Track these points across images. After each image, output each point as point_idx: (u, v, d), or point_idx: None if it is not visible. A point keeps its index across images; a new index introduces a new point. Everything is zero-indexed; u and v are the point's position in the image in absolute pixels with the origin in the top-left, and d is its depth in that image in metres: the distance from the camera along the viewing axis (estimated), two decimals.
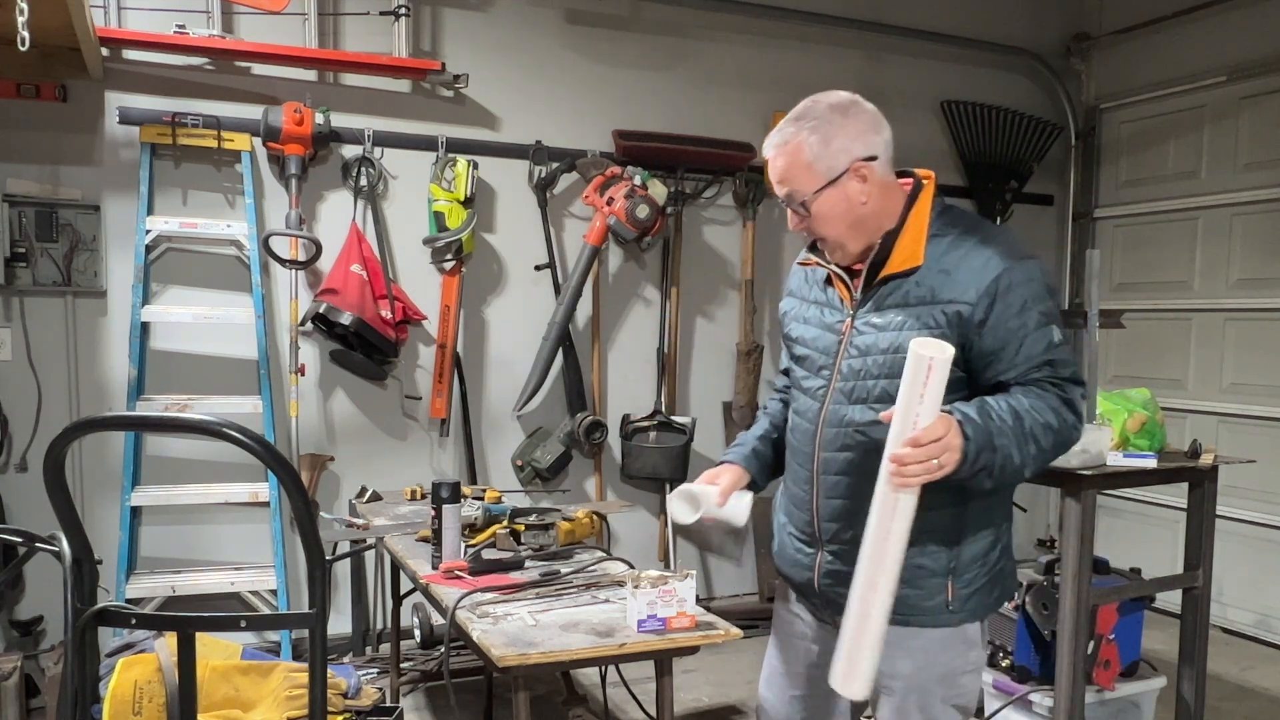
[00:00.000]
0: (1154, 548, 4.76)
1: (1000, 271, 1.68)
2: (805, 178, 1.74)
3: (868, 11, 4.85)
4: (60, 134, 3.61)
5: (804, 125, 1.74)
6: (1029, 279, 1.70)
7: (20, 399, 3.59)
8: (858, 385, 1.78)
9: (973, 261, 1.71)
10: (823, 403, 1.83)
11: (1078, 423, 1.74)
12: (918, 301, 1.73)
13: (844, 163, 1.73)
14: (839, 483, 1.82)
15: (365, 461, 4.06)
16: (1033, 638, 3.03)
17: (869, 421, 1.76)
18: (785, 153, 1.75)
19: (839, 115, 1.75)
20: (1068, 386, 1.72)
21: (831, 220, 1.76)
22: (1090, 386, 2.95)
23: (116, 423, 3.60)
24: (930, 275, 1.73)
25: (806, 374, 1.89)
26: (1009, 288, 1.68)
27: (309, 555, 1.57)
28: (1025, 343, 1.69)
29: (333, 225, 3.92)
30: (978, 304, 1.68)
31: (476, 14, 4.18)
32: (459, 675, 3.63)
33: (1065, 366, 1.72)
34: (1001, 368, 1.70)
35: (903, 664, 1.82)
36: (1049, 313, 1.71)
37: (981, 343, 1.69)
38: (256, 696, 2.07)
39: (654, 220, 4.12)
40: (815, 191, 1.74)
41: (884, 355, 1.75)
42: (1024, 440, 1.65)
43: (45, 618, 3.60)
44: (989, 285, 1.68)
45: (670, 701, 2.08)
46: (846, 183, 1.73)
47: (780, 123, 1.79)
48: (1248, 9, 4.56)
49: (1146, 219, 5.10)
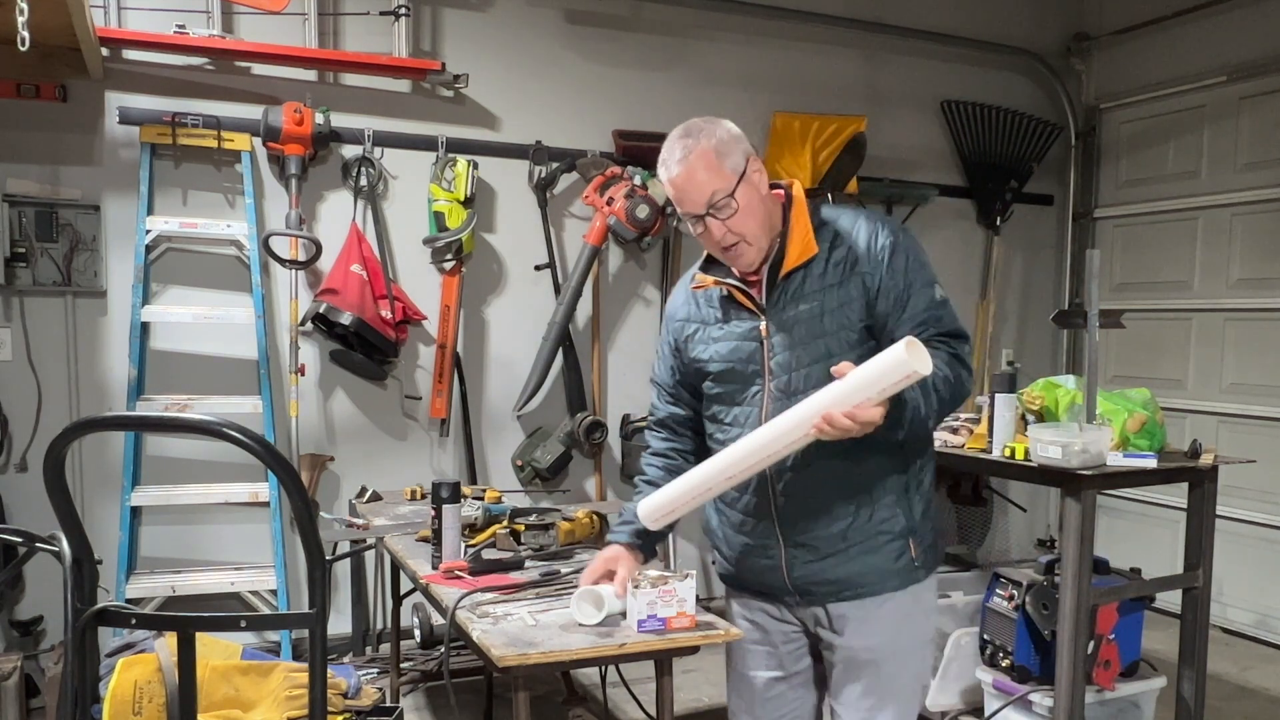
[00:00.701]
0: (1154, 548, 4.76)
1: (888, 239, 1.86)
2: (721, 178, 1.82)
3: (868, 11, 4.85)
4: (60, 134, 3.61)
5: (696, 138, 1.83)
6: (910, 245, 1.87)
7: (20, 399, 3.59)
8: (792, 377, 1.87)
9: (862, 236, 1.87)
10: (760, 407, 1.90)
11: (968, 376, 1.86)
12: (826, 284, 1.86)
13: (742, 159, 1.84)
14: (795, 479, 1.90)
15: (365, 461, 4.06)
16: (1033, 638, 3.03)
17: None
18: (697, 161, 1.81)
19: (716, 125, 1.86)
20: (954, 342, 1.86)
21: (752, 211, 1.84)
22: (1090, 386, 2.95)
23: (116, 423, 3.60)
24: (827, 259, 1.87)
25: (734, 386, 1.95)
26: (895, 252, 1.85)
27: (309, 555, 1.57)
28: (912, 299, 1.84)
29: (333, 225, 3.92)
30: (874, 271, 1.84)
31: (476, 14, 4.18)
32: (459, 675, 3.63)
33: (950, 321, 1.87)
34: (892, 324, 1.83)
35: (875, 635, 1.93)
36: (929, 274, 1.88)
37: (878, 305, 1.84)
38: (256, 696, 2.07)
39: (654, 220, 4.12)
40: (734, 187, 1.82)
41: (814, 341, 1.85)
42: (928, 393, 1.77)
43: (45, 618, 3.60)
44: (879, 251, 1.85)
45: (670, 701, 2.08)
46: (751, 176, 1.85)
47: (668, 147, 1.86)
48: (1248, 9, 4.56)
49: (1146, 219, 5.10)
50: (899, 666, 1.95)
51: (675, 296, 2.12)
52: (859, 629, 1.94)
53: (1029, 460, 2.79)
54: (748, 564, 2.02)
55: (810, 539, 1.91)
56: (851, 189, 4.62)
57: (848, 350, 1.83)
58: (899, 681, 1.96)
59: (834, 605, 1.95)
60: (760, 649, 2.08)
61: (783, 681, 2.08)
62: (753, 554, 1.99)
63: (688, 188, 1.84)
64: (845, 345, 1.84)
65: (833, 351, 1.83)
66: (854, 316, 1.84)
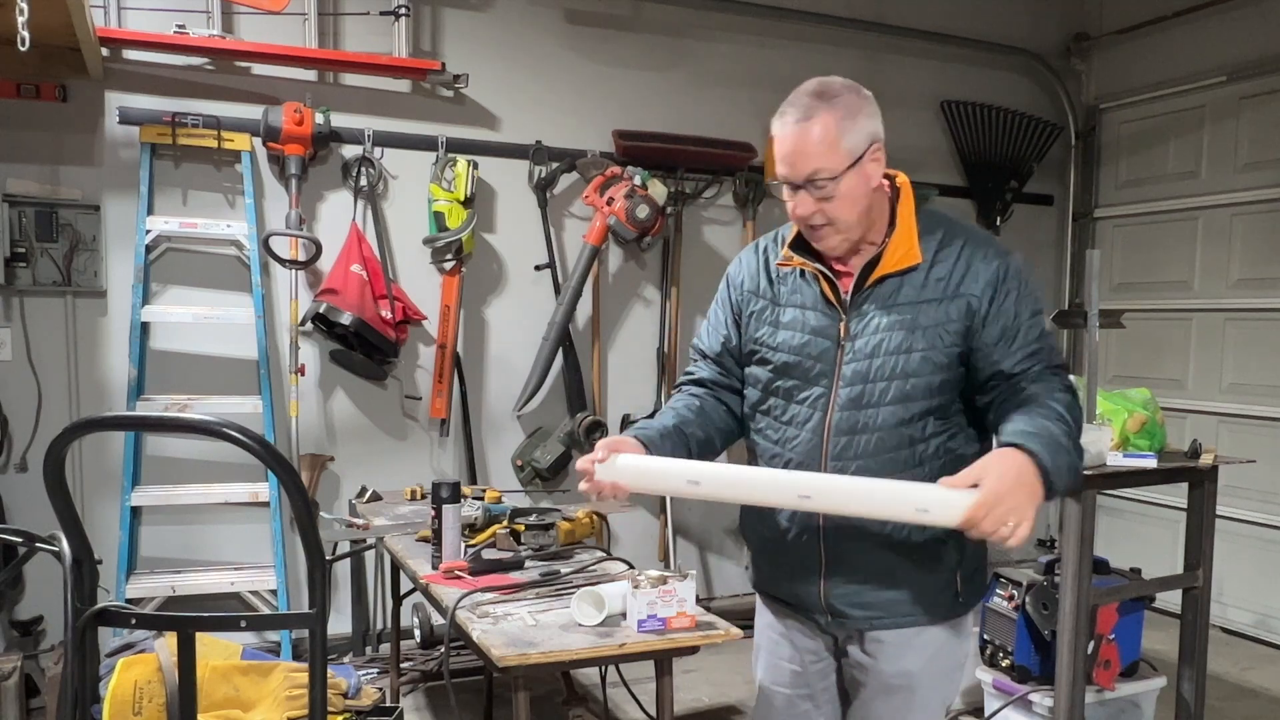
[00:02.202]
0: (1154, 548, 4.76)
1: (998, 265, 1.72)
2: (832, 156, 1.66)
3: (868, 11, 4.85)
4: (60, 134, 3.60)
5: (827, 102, 1.67)
6: (1020, 273, 1.74)
7: (20, 399, 3.59)
8: (866, 389, 1.73)
9: (971, 259, 1.73)
10: (825, 412, 1.76)
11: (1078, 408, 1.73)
12: (924, 298, 1.72)
13: (865, 143, 1.68)
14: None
15: (365, 461, 4.06)
16: (1033, 638, 3.03)
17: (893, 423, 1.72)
18: (812, 129, 1.65)
19: (855, 95, 1.70)
20: (1062, 374, 1.74)
21: (852, 202, 1.69)
22: (1090, 386, 2.96)
23: (116, 423, 3.60)
24: (930, 272, 1.73)
25: (797, 383, 1.80)
26: (1006, 279, 1.71)
27: (309, 555, 1.57)
28: (1021, 331, 1.70)
29: (333, 225, 3.92)
30: (983, 295, 1.70)
31: (476, 14, 4.18)
32: (459, 675, 3.63)
33: (1056, 354, 1.75)
34: (999, 355, 1.70)
35: (912, 662, 1.83)
36: (1038, 305, 1.75)
37: (984, 333, 1.70)
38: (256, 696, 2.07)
39: (654, 220, 4.12)
40: (843, 170, 1.67)
41: (896, 355, 1.72)
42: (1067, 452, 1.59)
43: (45, 618, 3.60)
44: (992, 278, 1.71)
45: (670, 701, 2.08)
46: (866, 163, 1.69)
47: (794, 100, 1.70)
48: (1248, 9, 4.56)
49: (1146, 219, 5.10)
50: (930, 692, 1.85)
51: (743, 263, 1.95)
52: (894, 655, 1.82)
53: None
54: (783, 576, 1.89)
55: (856, 561, 1.77)
56: None
57: (931, 373, 1.71)
58: (928, 707, 1.86)
59: (871, 631, 1.83)
60: (786, 666, 1.97)
61: (807, 700, 1.97)
62: (790, 566, 1.85)
63: (794, 154, 1.68)
64: (931, 367, 1.71)
65: (915, 372, 1.71)
66: (948, 339, 1.70)
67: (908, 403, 1.72)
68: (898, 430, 1.73)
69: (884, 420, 1.73)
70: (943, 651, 1.84)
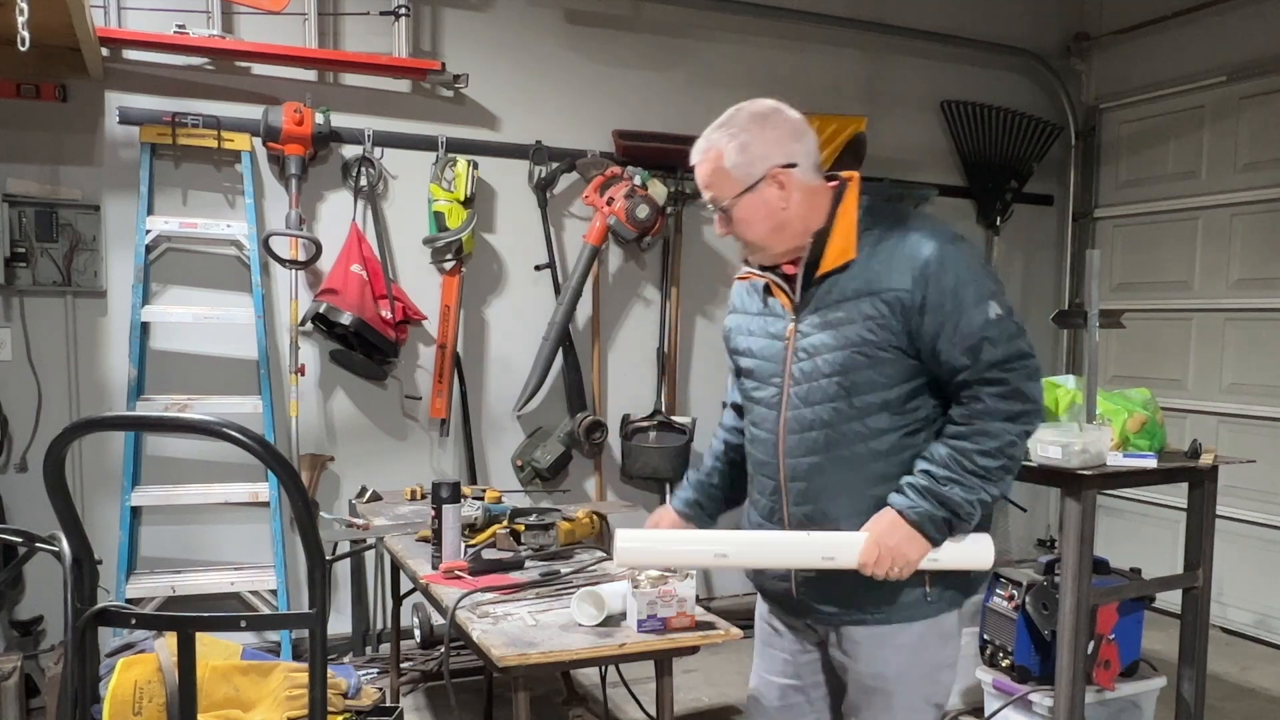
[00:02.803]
0: (1154, 548, 4.76)
1: (930, 254, 1.72)
2: (725, 183, 1.80)
3: (868, 11, 4.85)
4: (60, 134, 3.60)
5: (725, 133, 1.81)
6: (959, 258, 1.73)
7: (20, 399, 3.59)
8: (811, 387, 1.80)
9: (903, 249, 1.74)
10: (779, 410, 1.85)
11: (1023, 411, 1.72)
12: (856, 294, 1.76)
13: (761, 170, 1.78)
14: (806, 488, 1.84)
15: (365, 461, 4.06)
16: (1033, 638, 3.03)
17: (832, 419, 1.78)
18: (707, 159, 1.82)
19: (758, 124, 1.81)
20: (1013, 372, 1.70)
21: (752, 224, 1.81)
22: (1090, 386, 2.95)
23: (116, 423, 3.60)
24: (865, 266, 1.76)
25: (757, 385, 1.91)
26: (940, 268, 1.71)
27: (309, 555, 1.57)
28: (962, 320, 1.69)
29: (333, 225, 3.92)
30: (914, 288, 1.71)
31: (476, 14, 4.18)
32: (459, 675, 3.63)
33: (1003, 344, 1.70)
34: (941, 349, 1.71)
35: (887, 664, 1.86)
36: (983, 289, 1.72)
37: (923, 326, 1.72)
38: (256, 696, 2.07)
39: (654, 220, 4.12)
40: (734, 197, 1.79)
41: (833, 353, 1.77)
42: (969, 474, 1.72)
43: (45, 618, 3.60)
44: (921, 268, 1.71)
45: (670, 701, 2.08)
46: (764, 189, 1.78)
47: (706, 130, 1.85)
48: (1247, 9, 4.56)
49: (1146, 219, 5.10)
50: (910, 695, 1.87)
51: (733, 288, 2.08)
52: (869, 656, 1.86)
53: (1029, 460, 2.79)
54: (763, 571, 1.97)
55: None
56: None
57: (871, 368, 1.74)
58: (911, 707, 1.88)
59: (844, 628, 1.88)
60: (778, 655, 2.03)
61: (799, 692, 2.02)
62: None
63: (699, 180, 1.86)
64: (868, 362, 1.74)
65: (852, 367, 1.75)
66: (880, 334, 1.73)
67: (852, 398, 1.76)
68: (846, 426, 1.78)
69: (830, 417, 1.79)
70: (920, 654, 1.86)
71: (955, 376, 1.73)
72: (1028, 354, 1.73)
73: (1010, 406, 1.71)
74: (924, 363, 1.75)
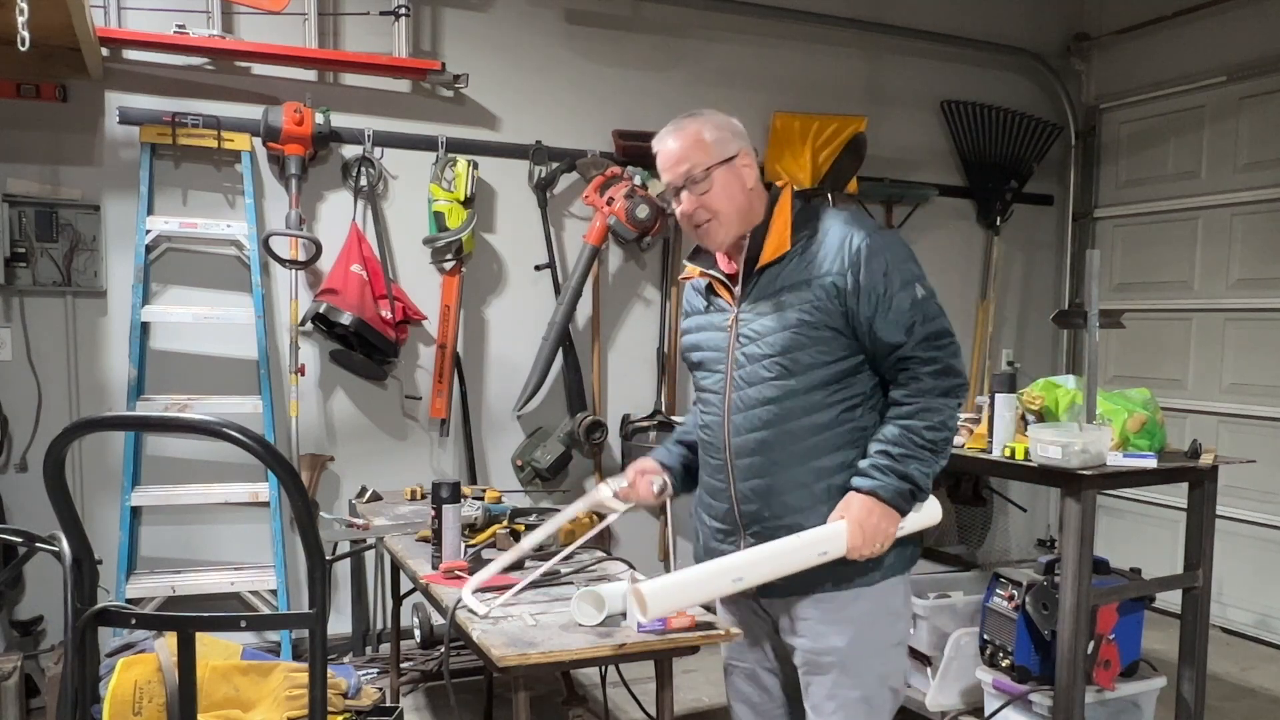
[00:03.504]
0: (1154, 548, 4.76)
1: (860, 243, 1.87)
2: (704, 154, 1.91)
3: (868, 11, 4.85)
4: (60, 134, 3.61)
5: (697, 118, 1.95)
6: (888, 245, 1.90)
7: (20, 399, 3.59)
8: (751, 369, 1.93)
9: (835, 239, 1.90)
10: (724, 393, 1.97)
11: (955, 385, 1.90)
12: (792, 283, 1.90)
13: (734, 147, 1.94)
14: (752, 463, 1.94)
15: (365, 461, 4.06)
16: (1033, 638, 3.03)
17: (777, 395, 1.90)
18: (685, 134, 1.93)
19: (721, 116, 1.98)
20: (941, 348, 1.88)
21: (726, 196, 1.92)
22: (1090, 386, 2.95)
23: (116, 423, 3.60)
24: (801, 257, 1.92)
25: (706, 374, 2.04)
26: (871, 255, 1.86)
27: (309, 555, 1.57)
28: (894, 301, 1.86)
29: (333, 225, 3.92)
30: (846, 274, 1.86)
31: (476, 14, 4.18)
32: (459, 675, 3.63)
33: (932, 320, 1.88)
34: (878, 329, 1.87)
35: (835, 638, 1.94)
36: (909, 273, 1.89)
37: (858, 309, 1.87)
38: (256, 696, 2.07)
39: (654, 220, 4.12)
40: (713, 164, 1.91)
41: (774, 335, 1.90)
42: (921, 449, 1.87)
43: (45, 618, 3.60)
44: (853, 256, 1.87)
45: (670, 701, 2.08)
46: (738, 165, 1.94)
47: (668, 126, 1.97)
48: (1248, 9, 4.56)
49: (1146, 219, 5.10)
50: (862, 670, 1.95)
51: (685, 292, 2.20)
52: (818, 631, 1.95)
53: (1029, 460, 2.79)
54: (714, 548, 2.05)
55: (764, 527, 1.94)
56: (851, 189, 4.62)
57: (808, 348, 1.88)
58: (863, 684, 1.95)
59: (794, 605, 1.97)
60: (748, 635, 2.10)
61: (771, 674, 2.12)
62: (718, 538, 2.05)
63: (670, 159, 1.94)
64: (806, 342, 1.88)
65: (789, 348, 1.89)
66: (816, 316, 1.88)
67: (791, 376, 1.89)
68: (789, 402, 1.89)
69: (773, 394, 1.91)
70: (869, 628, 1.95)
71: (892, 353, 1.88)
72: (950, 331, 1.92)
73: (945, 382, 1.88)
74: (860, 342, 1.90)
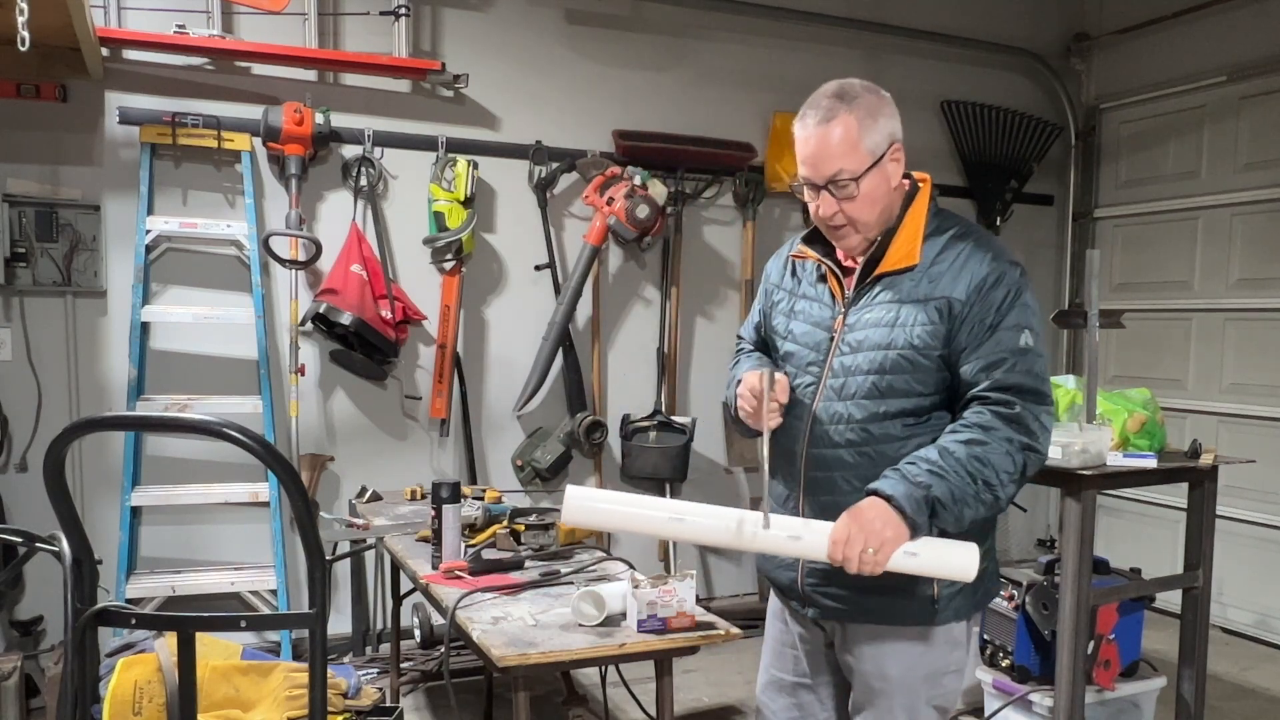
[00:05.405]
0: (1154, 548, 4.76)
1: (990, 270, 1.71)
2: (853, 156, 1.71)
3: (868, 11, 4.85)
4: (60, 134, 3.60)
5: (847, 104, 1.72)
6: (1015, 283, 1.72)
7: (20, 399, 3.59)
8: (848, 381, 1.78)
9: (967, 262, 1.73)
10: (812, 400, 1.82)
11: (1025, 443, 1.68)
12: (911, 299, 1.74)
13: (885, 143, 1.74)
14: (826, 479, 1.81)
15: (365, 461, 4.06)
16: (1033, 638, 3.03)
17: (863, 417, 1.76)
18: (838, 129, 1.70)
19: (875, 96, 1.75)
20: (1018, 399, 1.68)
21: (872, 201, 1.74)
22: (1090, 386, 2.95)
23: (116, 423, 3.60)
24: (925, 274, 1.75)
25: (795, 370, 1.87)
26: (996, 285, 1.71)
27: (309, 555, 1.57)
28: (995, 335, 1.69)
29: (333, 225, 3.92)
30: (967, 298, 1.71)
31: (476, 14, 4.18)
32: (459, 675, 3.63)
33: (1025, 372, 1.69)
34: (966, 356, 1.70)
35: (890, 666, 1.84)
36: (1026, 317, 1.72)
37: (960, 335, 1.71)
38: (256, 696, 2.07)
39: (654, 220, 4.12)
40: (864, 170, 1.71)
41: (875, 351, 1.75)
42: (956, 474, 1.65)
43: (45, 618, 3.60)
44: (979, 282, 1.71)
45: (670, 701, 2.08)
46: (887, 163, 1.74)
47: (814, 101, 1.75)
48: (1248, 9, 4.56)
49: (1146, 219, 5.10)
50: (912, 697, 1.84)
51: (774, 259, 2.02)
52: (873, 655, 1.84)
53: None
54: (772, 560, 1.93)
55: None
56: None
57: (907, 372, 1.72)
58: (910, 707, 1.84)
59: (850, 626, 1.86)
60: (787, 651, 2.01)
61: (808, 691, 2.00)
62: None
63: (816, 156, 1.73)
64: (908, 366, 1.72)
65: (890, 369, 1.73)
66: (925, 340, 1.71)
67: (882, 400, 1.75)
68: (869, 426, 1.76)
69: (857, 414, 1.77)
70: (924, 658, 1.83)
71: (969, 390, 1.72)
72: (1044, 394, 1.71)
73: (1011, 431, 1.67)
74: (951, 371, 1.73)
